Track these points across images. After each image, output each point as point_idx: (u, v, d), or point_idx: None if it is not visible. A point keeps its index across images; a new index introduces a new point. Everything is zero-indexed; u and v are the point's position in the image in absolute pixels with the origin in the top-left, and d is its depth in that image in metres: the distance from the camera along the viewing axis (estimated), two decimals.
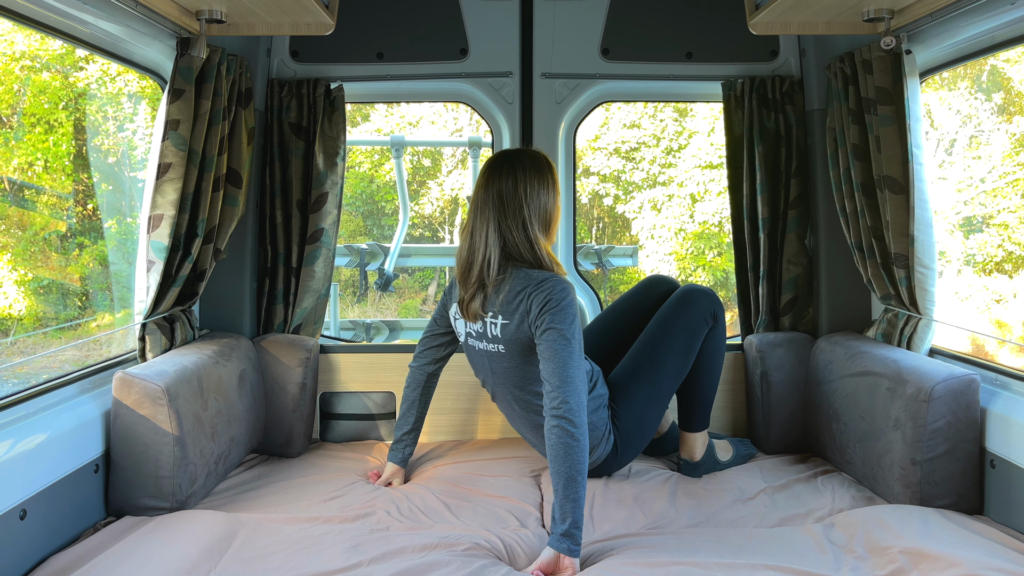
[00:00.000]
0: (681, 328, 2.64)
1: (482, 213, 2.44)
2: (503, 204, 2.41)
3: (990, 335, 10.77)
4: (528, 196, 2.42)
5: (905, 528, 2.09)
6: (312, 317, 3.20)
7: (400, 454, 2.74)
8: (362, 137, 13.63)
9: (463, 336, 2.58)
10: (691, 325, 2.64)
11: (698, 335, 2.65)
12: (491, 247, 2.40)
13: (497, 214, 2.41)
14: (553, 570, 2.02)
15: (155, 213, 2.61)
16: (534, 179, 2.45)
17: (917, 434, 2.32)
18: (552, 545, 2.04)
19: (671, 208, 12.93)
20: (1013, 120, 11.44)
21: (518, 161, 2.46)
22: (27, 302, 9.00)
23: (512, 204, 2.41)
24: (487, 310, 2.43)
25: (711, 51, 3.25)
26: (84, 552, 2.03)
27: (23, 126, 9.34)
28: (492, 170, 2.47)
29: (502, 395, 2.57)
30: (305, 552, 2.08)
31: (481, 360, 2.54)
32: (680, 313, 2.66)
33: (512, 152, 2.52)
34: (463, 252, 2.47)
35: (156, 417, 2.30)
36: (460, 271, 2.47)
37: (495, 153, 2.57)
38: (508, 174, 2.43)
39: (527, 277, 2.37)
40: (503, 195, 2.41)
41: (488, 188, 2.44)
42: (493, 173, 2.46)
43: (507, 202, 2.41)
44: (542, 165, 2.48)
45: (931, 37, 2.58)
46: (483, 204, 2.44)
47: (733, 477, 2.71)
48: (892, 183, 2.65)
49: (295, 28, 2.69)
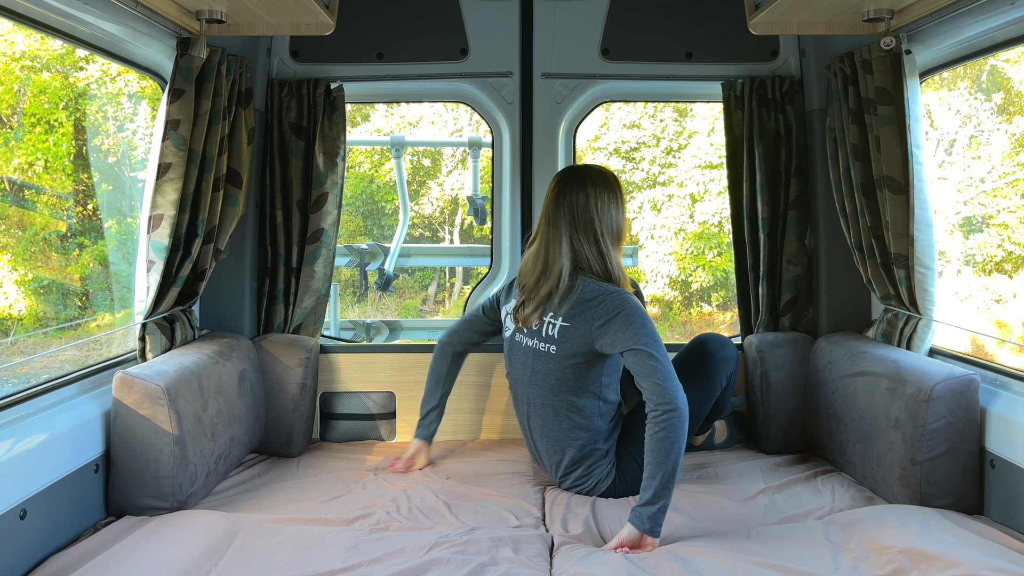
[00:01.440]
0: (709, 364, 2.70)
1: (553, 226, 2.50)
2: (575, 218, 2.49)
3: (990, 335, 10.77)
4: (599, 210, 2.50)
5: (905, 528, 2.09)
6: (312, 317, 3.20)
7: (426, 430, 2.82)
8: (362, 137, 13.62)
9: (511, 331, 2.63)
10: (720, 364, 2.71)
11: (719, 373, 2.71)
12: (564, 259, 2.47)
13: (569, 228, 2.49)
14: (635, 546, 2.14)
15: (155, 213, 2.61)
16: (604, 193, 2.52)
17: (917, 434, 2.32)
18: (636, 523, 2.16)
19: (671, 208, 12.92)
20: (1013, 120, 11.44)
21: (587, 176, 2.53)
22: (27, 302, 9.00)
23: (583, 218, 2.49)
24: (546, 313, 2.49)
25: (711, 51, 3.25)
26: (84, 552, 2.03)
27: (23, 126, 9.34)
28: (563, 185, 2.53)
29: (532, 396, 2.57)
30: (305, 552, 2.08)
31: (524, 357, 2.57)
32: (711, 352, 2.72)
33: (581, 168, 2.59)
34: (535, 264, 2.53)
35: (156, 417, 2.30)
36: (530, 282, 2.53)
37: (564, 168, 2.66)
38: (579, 189, 2.50)
39: (597, 288, 2.45)
40: (574, 209, 2.49)
41: (559, 202, 2.51)
42: (564, 188, 2.52)
43: (578, 216, 2.49)
44: (610, 180, 2.56)
45: (931, 37, 2.58)
46: (554, 218, 2.51)
47: (733, 477, 2.71)
48: (892, 183, 2.65)
49: (295, 28, 2.69)
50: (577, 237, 2.48)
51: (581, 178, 2.53)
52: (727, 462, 2.88)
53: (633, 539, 2.15)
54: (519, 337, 2.59)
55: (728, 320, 12.76)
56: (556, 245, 2.48)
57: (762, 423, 3.04)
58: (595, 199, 2.50)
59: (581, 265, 2.48)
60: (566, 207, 2.49)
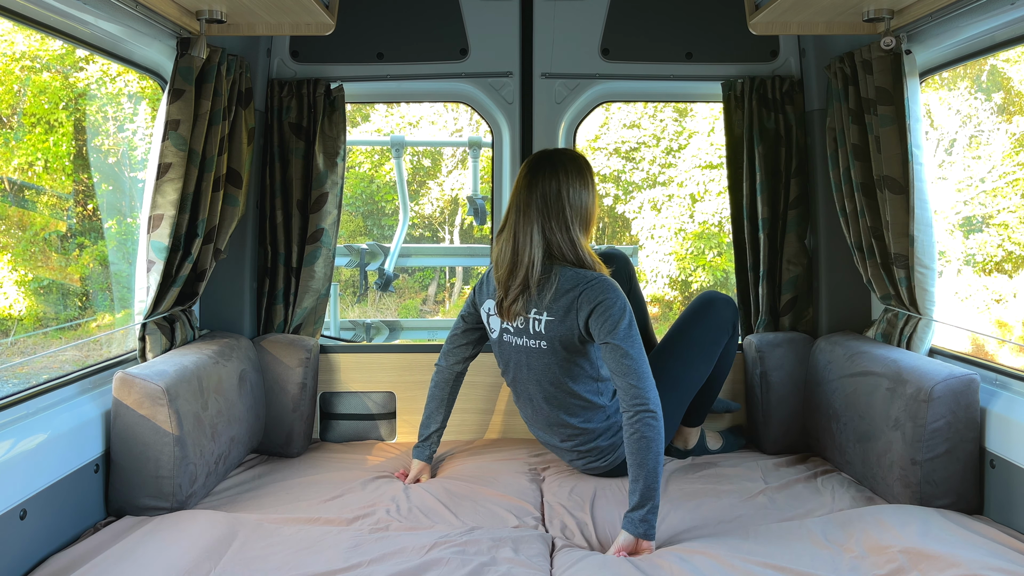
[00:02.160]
0: (704, 338, 2.69)
1: (525, 215, 2.45)
2: (547, 206, 2.44)
3: (990, 335, 10.77)
4: (571, 197, 2.45)
5: (905, 528, 2.09)
6: (312, 317, 3.20)
7: (427, 451, 2.77)
8: (362, 137, 13.63)
9: (497, 332, 2.61)
10: (713, 336, 2.70)
11: (719, 344, 2.71)
12: (535, 248, 2.43)
13: (540, 216, 2.44)
14: (633, 551, 2.14)
15: (155, 213, 2.61)
16: (576, 180, 2.48)
17: (917, 434, 2.32)
18: (629, 529, 2.15)
19: (671, 208, 12.92)
20: (1013, 120, 11.44)
21: (559, 162, 2.49)
22: (27, 302, 9.00)
23: (556, 206, 2.44)
24: (530, 308, 2.46)
25: (711, 51, 3.25)
26: (84, 552, 2.03)
27: (23, 126, 9.34)
28: (534, 171, 2.49)
29: (532, 392, 2.58)
30: (305, 552, 2.08)
31: (517, 356, 2.56)
32: (704, 322, 2.71)
33: (552, 153, 2.54)
34: (505, 254, 2.48)
35: (156, 417, 2.30)
36: (503, 273, 2.48)
37: (535, 154, 2.57)
38: (551, 175, 2.45)
39: (575, 276, 2.41)
40: (547, 197, 2.44)
41: (531, 190, 2.46)
42: (536, 175, 2.48)
43: (551, 204, 2.44)
44: (582, 165, 2.52)
45: (931, 37, 2.58)
46: (526, 206, 2.46)
47: (733, 477, 2.71)
48: (892, 183, 2.65)
49: (295, 28, 2.69)
50: (549, 225, 2.44)
51: (553, 164, 2.48)
52: (727, 462, 2.87)
53: (629, 545, 2.15)
54: (507, 337, 2.58)
55: None
56: (527, 234, 2.44)
57: (762, 423, 3.04)
58: (567, 186, 2.46)
59: (554, 253, 2.45)
60: (538, 194, 2.45)
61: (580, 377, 2.50)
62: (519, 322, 2.50)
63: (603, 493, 2.52)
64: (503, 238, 2.51)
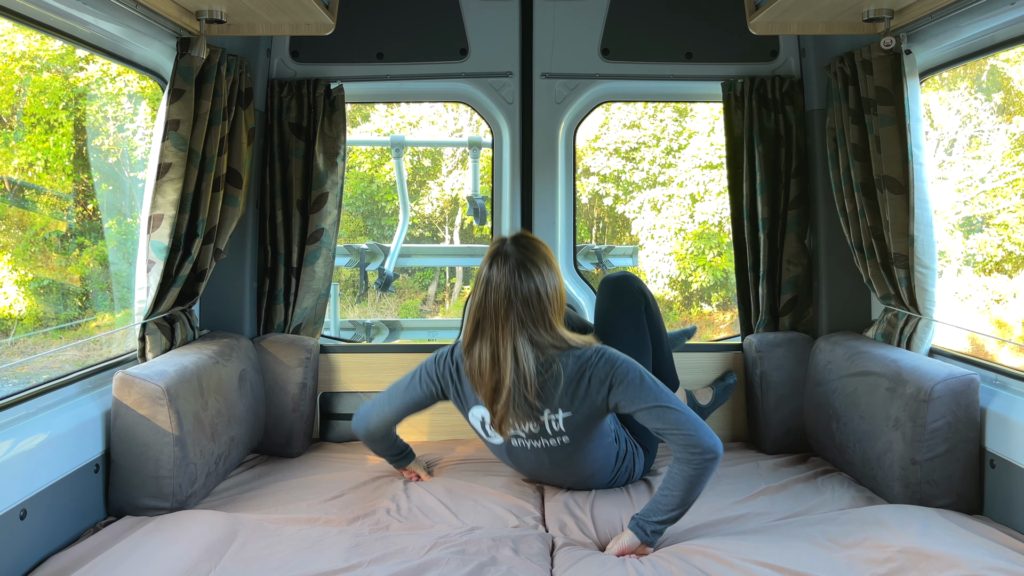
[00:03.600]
0: (622, 317, 2.69)
1: (503, 328, 2.27)
2: (530, 313, 2.27)
3: (990, 335, 10.77)
4: (549, 292, 2.30)
5: (905, 528, 2.09)
6: (312, 317, 3.20)
7: (409, 460, 2.71)
8: (362, 137, 13.63)
9: (500, 441, 2.45)
10: (629, 310, 2.70)
11: (640, 312, 2.70)
12: (526, 361, 2.26)
13: (525, 326, 2.27)
14: (633, 552, 2.16)
15: (155, 213, 2.61)
16: (548, 269, 2.33)
17: (917, 434, 2.32)
18: (638, 534, 2.16)
19: (671, 208, 12.92)
20: (1013, 120, 11.44)
21: (529, 258, 2.30)
22: (27, 302, 9.00)
23: (538, 308, 2.28)
24: (541, 411, 2.32)
25: (711, 51, 3.25)
26: (84, 552, 2.03)
27: (23, 126, 9.34)
28: (512, 276, 2.28)
29: (551, 475, 2.51)
30: (305, 552, 2.08)
31: (536, 455, 2.43)
32: (615, 303, 2.71)
33: (515, 248, 2.32)
34: (485, 372, 2.29)
35: (156, 417, 2.30)
36: (486, 393, 2.31)
37: (495, 252, 2.33)
38: (526, 277, 2.28)
39: (577, 360, 2.29)
40: (529, 303, 2.27)
41: (509, 299, 2.26)
42: (511, 279, 2.27)
43: (534, 309, 2.28)
44: (546, 249, 2.37)
45: (931, 37, 2.58)
46: (504, 319, 2.27)
47: (733, 477, 2.71)
48: (892, 183, 2.65)
49: (295, 28, 2.69)
50: (536, 331, 2.27)
51: (524, 263, 2.28)
52: (727, 462, 2.87)
53: (633, 547, 2.16)
54: (518, 443, 2.42)
55: (728, 320, 12.76)
56: (511, 348, 2.25)
57: (762, 423, 3.04)
58: (542, 282, 2.29)
59: (544, 352, 2.28)
60: (518, 303, 2.26)
61: (599, 444, 2.44)
62: (530, 427, 2.35)
63: (602, 493, 2.52)
64: (477, 352, 2.31)
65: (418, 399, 2.53)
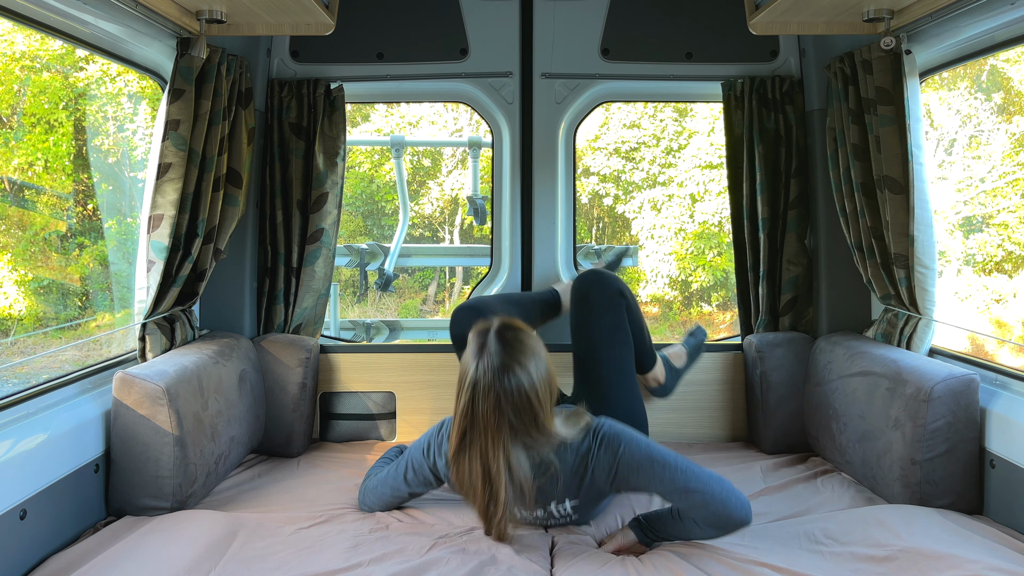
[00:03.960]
0: (605, 322, 2.64)
1: (494, 438, 2.04)
2: (521, 419, 2.04)
3: (990, 335, 10.77)
4: (539, 387, 2.06)
5: (905, 528, 2.09)
6: (312, 317, 3.20)
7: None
8: (362, 137, 13.62)
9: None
10: (611, 314, 2.64)
11: (621, 311, 2.66)
12: (519, 471, 2.06)
13: (518, 433, 2.05)
14: (630, 551, 2.16)
15: (155, 213, 2.61)
16: (538, 365, 2.07)
17: (917, 434, 2.32)
18: (639, 535, 2.17)
19: (671, 208, 12.92)
20: (1013, 120, 11.44)
21: (517, 356, 2.04)
22: (27, 302, 9.00)
23: (529, 412, 2.04)
24: (546, 503, 2.21)
25: (711, 51, 3.25)
26: (84, 552, 2.03)
27: (23, 126, 9.34)
28: (497, 381, 2.02)
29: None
30: (305, 552, 2.08)
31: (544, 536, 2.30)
32: (595, 309, 2.64)
33: (499, 343, 2.06)
34: (476, 484, 2.08)
35: (156, 417, 2.30)
36: (479, 507, 2.12)
37: (483, 353, 2.05)
38: (513, 378, 2.02)
39: (573, 453, 2.12)
40: (519, 408, 2.03)
41: (501, 407, 2.02)
42: (501, 384, 2.02)
43: (524, 414, 2.04)
44: (534, 343, 2.11)
45: (931, 37, 2.58)
46: (495, 429, 2.03)
47: (733, 478, 2.70)
48: (892, 183, 2.65)
49: (295, 28, 2.69)
50: (528, 435, 2.05)
51: (513, 366, 2.02)
52: (727, 462, 2.88)
53: (630, 545, 2.16)
54: (524, 530, 2.28)
55: (728, 320, 12.76)
56: (503, 458, 2.04)
57: (762, 423, 3.04)
58: (533, 382, 2.04)
59: (540, 452, 2.09)
60: (509, 410, 2.02)
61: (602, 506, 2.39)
62: (537, 515, 2.25)
63: None
64: (466, 466, 2.08)
65: (417, 491, 2.40)
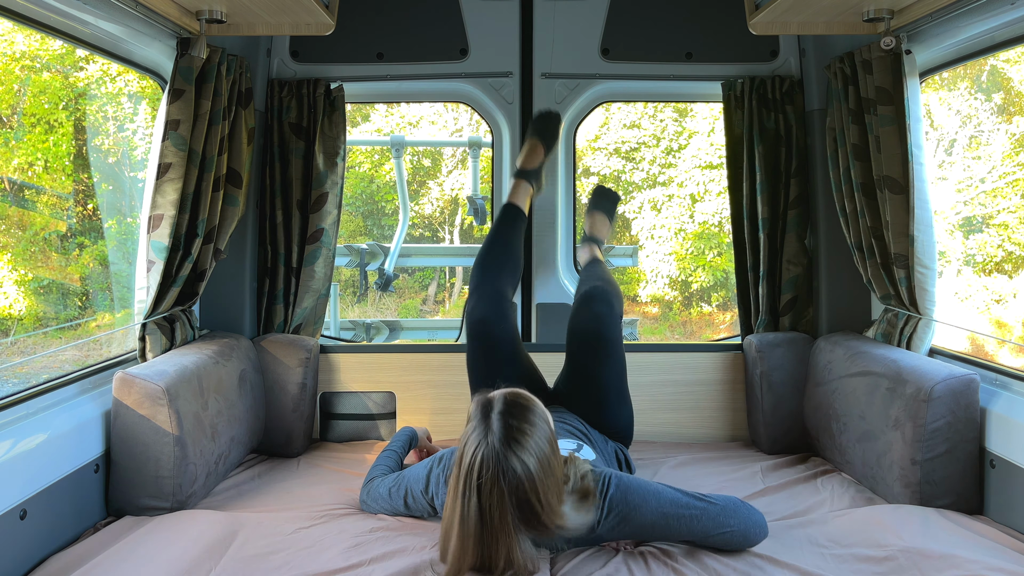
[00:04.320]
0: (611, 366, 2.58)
1: (501, 537, 1.81)
2: (525, 514, 1.82)
3: (990, 335, 10.77)
4: (550, 487, 1.85)
5: (905, 528, 2.09)
6: (312, 317, 3.20)
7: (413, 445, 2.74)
8: (362, 137, 13.61)
9: None
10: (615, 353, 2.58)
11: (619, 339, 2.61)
12: (525, 554, 1.85)
13: (525, 527, 1.84)
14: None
15: (155, 213, 2.61)
16: (548, 450, 1.87)
17: (917, 434, 2.32)
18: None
19: (671, 208, 12.92)
20: (1013, 120, 11.44)
21: (522, 446, 1.82)
22: (27, 302, 9.00)
23: (534, 510, 1.82)
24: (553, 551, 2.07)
25: (711, 51, 3.25)
26: (84, 552, 2.03)
27: (23, 126, 9.34)
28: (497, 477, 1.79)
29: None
30: (305, 552, 2.08)
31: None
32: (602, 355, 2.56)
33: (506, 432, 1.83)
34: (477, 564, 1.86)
35: (156, 417, 2.30)
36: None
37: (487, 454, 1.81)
38: (515, 479, 1.79)
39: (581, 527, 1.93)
40: (525, 509, 1.82)
41: (503, 504, 1.80)
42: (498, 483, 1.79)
43: (529, 517, 1.83)
44: (546, 417, 1.92)
45: (931, 37, 2.58)
46: (500, 526, 1.80)
47: (732, 477, 2.71)
48: (892, 183, 2.65)
49: (295, 28, 2.69)
50: (536, 530, 1.86)
51: (507, 460, 1.79)
52: (727, 462, 2.88)
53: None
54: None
55: (728, 320, 12.76)
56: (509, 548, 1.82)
57: (762, 423, 3.04)
58: (541, 480, 1.82)
59: (548, 536, 1.89)
60: (514, 506, 1.80)
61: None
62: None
63: None
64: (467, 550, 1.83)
65: (418, 514, 2.32)
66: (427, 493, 2.26)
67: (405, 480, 2.32)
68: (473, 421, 1.90)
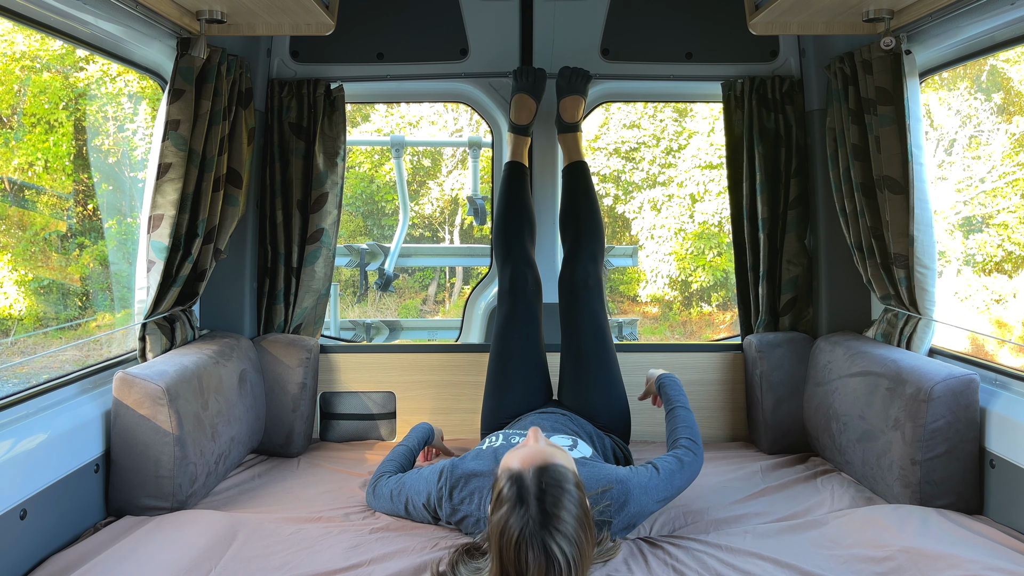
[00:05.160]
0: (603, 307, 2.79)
1: None
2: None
3: (990, 335, 10.77)
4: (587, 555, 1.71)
5: (905, 528, 2.09)
6: (312, 317, 3.21)
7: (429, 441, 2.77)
8: (362, 137, 13.62)
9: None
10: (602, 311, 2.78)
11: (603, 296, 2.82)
12: None
13: None
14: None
15: (155, 213, 2.61)
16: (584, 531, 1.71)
17: (917, 434, 2.32)
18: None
19: (671, 208, 12.92)
20: (1013, 120, 11.44)
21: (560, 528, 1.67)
22: (27, 302, 9.00)
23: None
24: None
25: (711, 51, 3.25)
26: (84, 552, 2.03)
27: (23, 126, 9.34)
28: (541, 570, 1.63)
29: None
30: (305, 552, 2.08)
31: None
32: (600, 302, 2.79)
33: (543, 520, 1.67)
34: None
35: (156, 417, 2.30)
36: None
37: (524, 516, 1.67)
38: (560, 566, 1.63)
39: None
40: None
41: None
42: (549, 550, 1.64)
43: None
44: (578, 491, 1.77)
45: (931, 37, 2.58)
46: None
47: (733, 477, 2.71)
48: (892, 183, 2.65)
49: (295, 28, 2.69)
50: None
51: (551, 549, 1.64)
52: (727, 461, 2.88)
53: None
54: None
55: (728, 320, 12.76)
56: None
57: (762, 423, 3.04)
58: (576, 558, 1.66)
59: None
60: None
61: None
62: None
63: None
64: None
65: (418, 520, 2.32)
66: (428, 509, 2.25)
67: (406, 488, 2.32)
68: (507, 504, 1.71)
